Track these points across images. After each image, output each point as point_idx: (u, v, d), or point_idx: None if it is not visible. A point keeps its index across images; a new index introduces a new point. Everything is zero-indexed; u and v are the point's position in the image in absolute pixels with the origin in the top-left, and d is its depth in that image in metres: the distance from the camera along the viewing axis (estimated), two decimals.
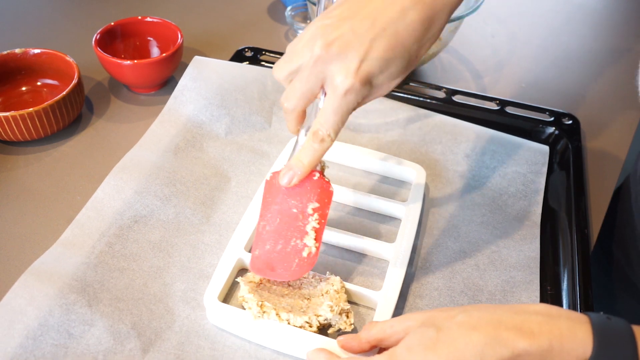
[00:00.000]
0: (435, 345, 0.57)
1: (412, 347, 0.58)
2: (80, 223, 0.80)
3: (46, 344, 0.68)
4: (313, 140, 0.67)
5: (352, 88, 0.63)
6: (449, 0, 0.65)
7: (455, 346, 0.56)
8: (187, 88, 0.98)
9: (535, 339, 0.55)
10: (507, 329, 0.56)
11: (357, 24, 0.62)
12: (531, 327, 0.56)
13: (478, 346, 0.55)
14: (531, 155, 0.95)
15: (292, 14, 1.26)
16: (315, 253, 0.70)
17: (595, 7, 1.44)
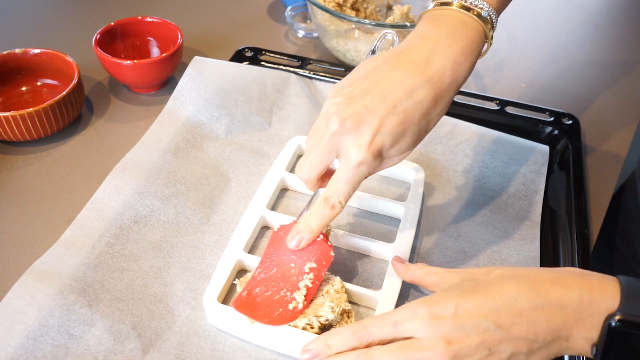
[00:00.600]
0: (472, 290, 0.60)
1: (450, 291, 0.62)
2: (81, 223, 0.80)
3: (46, 344, 0.68)
4: (324, 207, 0.69)
5: (364, 160, 0.66)
6: (456, 79, 0.68)
7: (492, 291, 0.59)
8: (187, 88, 0.98)
9: (567, 289, 0.58)
10: (541, 280, 0.59)
11: (369, 102, 0.66)
12: (564, 280, 0.59)
13: (513, 291, 0.59)
14: (531, 155, 0.95)
15: (292, 14, 1.26)
16: (300, 310, 0.71)
17: (595, 7, 1.44)
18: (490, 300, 0.59)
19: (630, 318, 0.56)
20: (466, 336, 0.58)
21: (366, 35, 1.06)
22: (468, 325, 0.58)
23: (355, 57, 1.10)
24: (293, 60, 1.11)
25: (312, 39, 1.25)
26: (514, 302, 0.58)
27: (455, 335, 0.58)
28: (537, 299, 0.58)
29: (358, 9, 1.15)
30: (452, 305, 0.59)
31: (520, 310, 0.58)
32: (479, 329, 0.58)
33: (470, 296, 0.60)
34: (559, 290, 0.58)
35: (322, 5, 1.05)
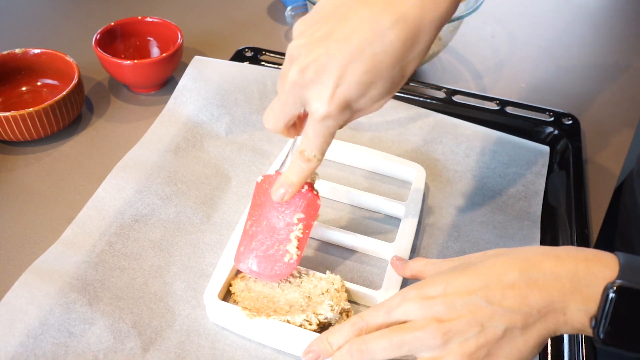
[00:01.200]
0: (463, 270, 0.59)
1: (441, 274, 0.61)
2: (81, 222, 0.80)
3: (47, 342, 0.68)
4: (300, 160, 0.67)
5: (328, 114, 0.61)
6: (436, 15, 0.60)
7: (481, 267, 0.58)
8: (188, 88, 0.98)
9: (562, 261, 0.56)
10: (534, 255, 0.58)
11: (332, 46, 0.59)
12: (557, 253, 0.57)
13: (503, 265, 0.57)
14: (531, 155, 0.95)
15: (292, 14, 1.26)
16: (296, 260, 0.73)
17: (595, 7, 1.44)
18: (480, 275, 0.57)
19: (631, 285, 0.53)
20: (457, 313, 0.56)
21: None
22: (458, 303, 0.56)
23: None
24: None
25: None
26: (504, 276, 0.56)
27: (445, 313, 0.57)
28: (529, 271, 0.56)
29: None
30: (441, 285, 0.58)
31: (512, 283, 0.56)
32: (470, 306, 0.56)
33: (459, 275, 0.59)
34: (552, 262, 0.56)
35: None
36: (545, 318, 0.56)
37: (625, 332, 0.55)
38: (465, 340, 0.56)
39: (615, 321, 0.54)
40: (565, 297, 0.55)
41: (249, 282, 0.75)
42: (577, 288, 0.55)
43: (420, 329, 0.57)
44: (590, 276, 0.55)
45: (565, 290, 0.55)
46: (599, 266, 0.55)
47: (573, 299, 0.55)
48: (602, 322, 0.54)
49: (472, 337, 0.56)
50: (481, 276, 0.57)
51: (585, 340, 0.73)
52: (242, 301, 0.73)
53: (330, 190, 0.88)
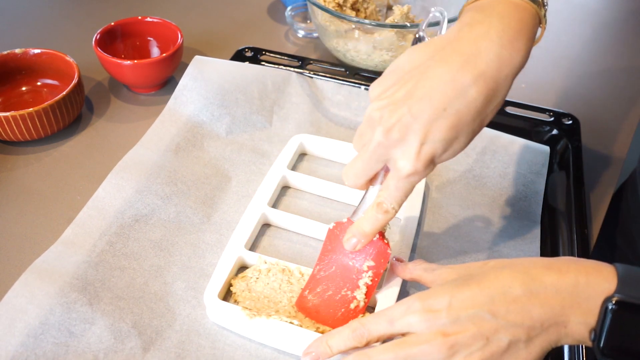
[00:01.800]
0: (466, 282, 0.59)
1: (444, 285, 0.61)
2: (81, 222, 0.80)
3: (47, 342, 0.68)
4: (377, 211, 0.67)
5: (414, 172, 0.63)
6: (512, 69, 0.63)
7: (485, 280, 0.59)
8: (188, 88, 0.98)
9: (563, 275, 0.57)
10: (535, 267, 0.58)
11: (415, 106, 0.61)
12: (559, 266, 0.58)
13: (507, 279, 0.58)
14: (532, 155, 0.95)
15: (292, 14, 1.26)
16: (362, 307, 0.71)
17: (595, 7, 1.44)
18: (484, 289, 0.58)
19: (628, 299, 0.54)
20: (462, 327, 0.57)
21: (366, 35, 1.06)
22: (463, 316, 0.57)
23: (355, 57, 1.10)
24: (293, 61, 1.11)
25: (312, 39, 1.26)
26: (508, 289, 0.57)
27: (451, 327, 0.57)
28: (531, 285, 0.57)
29: (358, 9, 1.15)
30: (446, 298, 0.58)
31: (515, 297, 0.57)
32: (475, 319, 0.57)
33: (464, 288, 0.59)
34: (553, 275, 0.57)
35: (322, 6, 1.05)
36: (548, 331, 0.57)
37: (624, 344, 0.56)
38: (471, 353, 0.57)
39: (614, 334, 0.55)
40: (566, 311, 0.56)
41: (249, 282, 0.75)
42: (577, 301, 0.56)
43: (425, 342, 0.58)
44: (589, 289, 0.56)
45: (565, 304, 0.56)
46: (598, 279, 0.56)
47: (573, 312, 0.56)
48: (601, 334, 0.55)
49: (477, 350, 0.57)
50: (485, 290, 0.58)
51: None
52: (242, 301, 0.73)
53: (330, 189, 0.88)
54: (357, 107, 1.02)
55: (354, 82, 1.07)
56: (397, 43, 1.06)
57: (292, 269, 0.77)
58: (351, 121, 1.01)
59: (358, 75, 1.09)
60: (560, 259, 0.59)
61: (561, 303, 0.56)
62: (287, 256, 0.82)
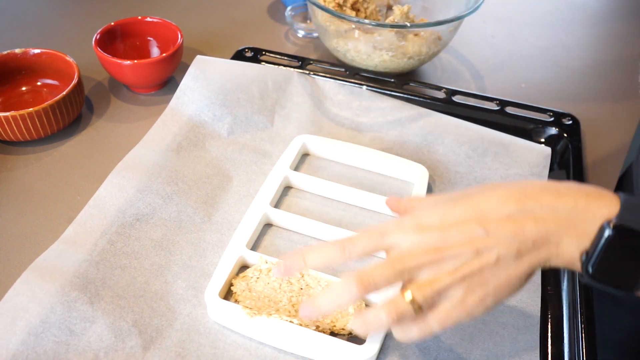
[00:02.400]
0: (461, 199, 0.59)
1: (438, 203, 0.61)
2: (83, 220, 0.80)
3: (48, 340, 0.67)
4: None
5: None
6: None
7: (479, 197, 0.58)
8: (190, 87, 0.98)
9: (562, 196, 0.56)
10: (533, 188, 0.57)
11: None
12: (558, 188, 0.57)
13: (502, 196, 0.57)
14: (533, 157, 0.95)
15: (292, 14, 1.26)
16: None
17: (595, 7, 1.44)
18: (477, 204, 0.58)
19: (628, 224, 0.53)
20: (453, 240, 0.57)
21: (366, 35, 1.06)
22: (454, 231, 0.57)
23: (355, 57, 1.10)
24: (293, 61, 1.11)
25: (312, 39, 1.26)
26: (501, 206, 0.57)
27: (442, 242, 0.57)
28: (527, 203, 0.56)
29: (358, 9, 1.15)
30: (438, 214, 0.59)
31: (508, 214, 0.56)
32: (466, 234, 0.57)
33: (457, 204, 0.59)
34: (552, 196, 0.56)
35: (322, 6, 1.05)
36: (539, 249, 0.56)
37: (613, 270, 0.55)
38: (461, 264, 0.57)
39: (606, 258, 0.54)
40: (561, 231, 0.55)
41: (250, 281, 0.75)
42: (574, 223, 0.55)
43: (418, 256, 0.57)
44: (588, 213, 0.55)
45: (561, 224, 0.55)
46: (598, 203, 0.55)
47: (568, 234, 0.55)
48: (592, 257, 0.55)
49: (467, 261, 0.56)
50: (478, 206, 0.58)
51: (586, 340, 0.73)
52: (243, 300, 0.73)
53: (332, 190, 0.88)
54: (358, 106, 1.02)
55: (354, 82, 1.07)
56: (397, 43, 1.06)
57: None
58: (352, 121, 1.01)
59: (358, 76, 1.09)
60: (562, 183, 0.58)
61: (557, 223, 0.55)
62: None
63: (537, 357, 0.73)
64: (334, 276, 0.76)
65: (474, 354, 0.72)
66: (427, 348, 0.72)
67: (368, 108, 1.02)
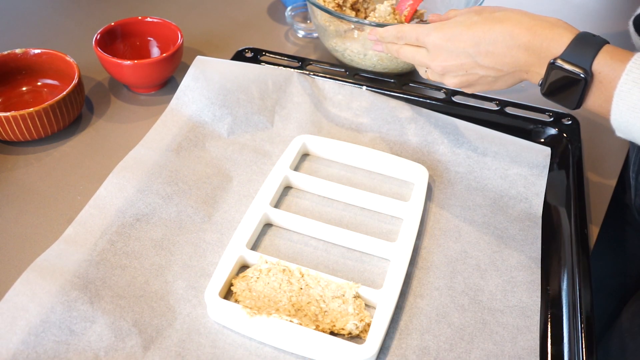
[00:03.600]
0: (473, 25, 0.78)
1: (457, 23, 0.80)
2: (83, 220, 0.80)
3: (48, 340, 0.68)
4: None
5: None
6: None
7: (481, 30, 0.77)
8: (190, 88, 0.98)
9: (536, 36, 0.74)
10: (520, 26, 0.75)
11: None
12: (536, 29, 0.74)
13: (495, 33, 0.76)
14: (533, 157, 0.95)
15: (292, 14, 1.26)
16: None
17: (594, 8, 1.44)
18: (477, 35, 0.77)
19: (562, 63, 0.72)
20: (454, 57, 0.80)
21: (365, 35, 1.06)
22: (456, 50, 0.79)
23: (353, 57, 1.10)
24: (293, 61, 1.11)
25: (312, 39, 1.26)
26: (492, 41, 0.76)
27: (448, 55, 0.81)
28: (510, 42, 0.75)
29: (358, 9, 1.15)
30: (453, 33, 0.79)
31: (495, 49, 0.76)
32: (462, 55, 0.79)
33: (467, 30, 0.78)
34: (529, 36, 0.74)
35: (322, 6, 1.05)
36: (513, 74, 0.78)
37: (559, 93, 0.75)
38: (455, 76, 0.83)
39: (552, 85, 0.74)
40: (529, 64, 0.75)
41: (250, 281, 0.75)
42: (538, 59, 0.74)
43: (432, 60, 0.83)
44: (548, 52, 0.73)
45: (529, 60, 0.75)
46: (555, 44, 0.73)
47: (533, 65, 0.75)
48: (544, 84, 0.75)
49: (458, 75, 0.82)
50: (478, 36, 0.77)
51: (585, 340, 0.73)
52: (243, 300, 0.73)
53: (332, 190, 0.88)
54: (358, 107, 1.02)
55: (354, 83, 1.07)
56: None
57: (292, 269, 0.77)
58: (352, 121, 1.01)
59: (358, 76, 1.09)
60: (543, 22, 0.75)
61: (526, 59, 0.75)
62: (288, 256, 0.82)
63: (537, 357, 0.73)
64: (334, 276, 0.76)
65: (474, 354, 0.72)
66: (427, 348, 0.72)
67: (368, 108, 1.02)
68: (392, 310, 0.73)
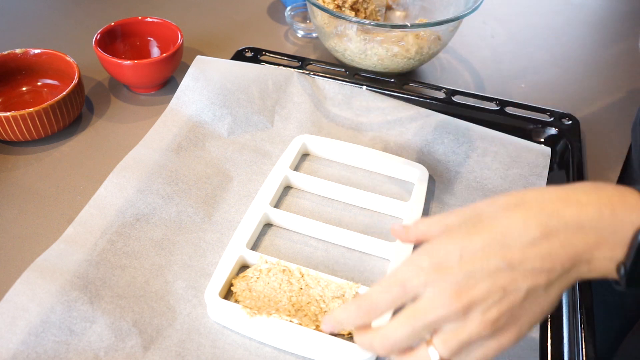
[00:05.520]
0: (476, 228, 0.53)
1: (453, 234, 0.54)
2: (83, 220, 0.80)
3: (48, 340, 0.67)
4: None
5: None
6: None
7: (497, 225, 0.53)
8: (190, 88, 0.98)
9: (583, 207, 0.51)
10: (551, 202, 0.53)
11: None
12: (578, 197, 0.52)
13: (521, 220, 0.52)
14: (533, 157, 0.95)
15: (292, 14, 1.26)
16: None
17: (595, 8, 1.44)
18: (497, 235, 0.52)
19: None
20: (476, 282, 0.51)
21: (365, 35, 1.06)
22: (477, 269, 0.52)
23: (353, 57, 1.10)
24: (293, 61, 1.11)
25: (311, 39, 1.26)
26: (523, 232, 0.51)
27: (465, 283, 0.51)
28: (549, 223, 0.51)
29: (358, 9, 1.15)
30: (456, 251, 0.53)
31: (532, 240, 0.51)
32: (489, 271, 0.51)
33: (474, 236, 0.53)
34: (573, 209, 0.51)
35: (322, 6, 1.05)
36: (569, 272, 0.52)
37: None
38: (488, 308, 0.52)
39: None
40: (590, 247, 0.51)
41: (250, 281, 0.75)
42: (603, 236, 0.51)
43: (440, 307, 0.52)
44: (616, 222, 0.51)
45: (589, 240, 0.51)
46: (624, 211, 0.51)
47: (598, 249, 0.51)
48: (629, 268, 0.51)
49: (494, 304, 0.52)
50: (498, 236, 0.52)
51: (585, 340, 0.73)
52: (243, 300, 0.73)
53: (332, 190, 0.88)
54: (358, 107, 1.02)
55: (354, 82, 1.07)
56: (397, 43, 1.06)
57: (292, 269, 0.77)
58: (352, 121, 1.01)
59: (358, 76, 1.09)
60: (577, 187, 0.53)
61: (584, 240, 0.51)
62: (288, 256, 0.82)
63: (537, 357, 0.73)
64: (334, 276, 0.76)
65: None
66: None
67: (368, 108, 1.02)
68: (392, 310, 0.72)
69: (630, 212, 0.51)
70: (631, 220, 0.50)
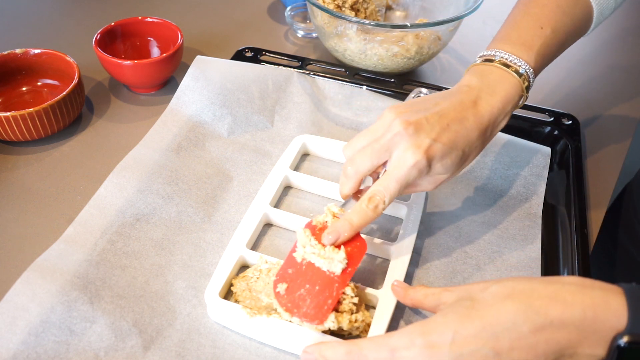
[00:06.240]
0: (469, 314, 0.58)
1: (447, 316, 0.59)
2: (83, 220, 0.80)
3: (48, 340, 0.67)
4: (367, 205, 0.72)
5: (419, 162, 0.70)
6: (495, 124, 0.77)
7: (489, 315, 0.57)
8: (190, 87, 0.98)
9: (568, 307, 0.55)
10: (540, 298, 0.57)
11: (429, 116, 0.72)
12: (564, 296, 0.56)
13: (510, 314, 0.57)
14: (533, 157, 0.95)
15: (292, 14, 1.26)
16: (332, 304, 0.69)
17: None
18: (488, 325, 0.57)
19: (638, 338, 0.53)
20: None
21: (365, 35, 1.06)
22: (466, 354, 0.57)
23: (353, 57, 1.10)
24: (293, 61, 1.11)
25: (311, 39, 1.26)
26: (512, 325, 0.56)
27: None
28: (536, 320, 0.56)
29: (358, 9, 1.15)
30: (449, 333, 0.58)
31: (519, 334, 0.56)
32: (477, 357, 0.56)
33: (467, 321, 0.58)
34: (559, 308, 0.56)
35: (322, 6, 1.05)
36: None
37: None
38: None
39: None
40: (573, 344, 0.55)
41: (250, 281, 0.75)
42: (585, 335, 0.55)
43: None
44: (597, 323, 0.55)
45: (572, 338, 0.55)
46: (606, 313, 0.55)
47: (581, 345, 0.55)
48: None
49: None
50: (488, 327, 0.57)
51: None
52: (243, 300, 0.73)
53: (332, 190, 0.88)
54: (358, 107, 1.02)
55: (353, 82, 1.07)
56: (397, 43, 1.06)
57: None
58: (352, 121, 1.01)
59: (358, 76, 1.09)
60: (565, 284, 0.58)
61: (567, 337, 0.55)
62: None
63: None
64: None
65: None
66: None
67: (368, 108, 1.02)
68: (392, 310, 0.72)
69: (611, 316, 0.54)
70: (611, 325, 0.54)
